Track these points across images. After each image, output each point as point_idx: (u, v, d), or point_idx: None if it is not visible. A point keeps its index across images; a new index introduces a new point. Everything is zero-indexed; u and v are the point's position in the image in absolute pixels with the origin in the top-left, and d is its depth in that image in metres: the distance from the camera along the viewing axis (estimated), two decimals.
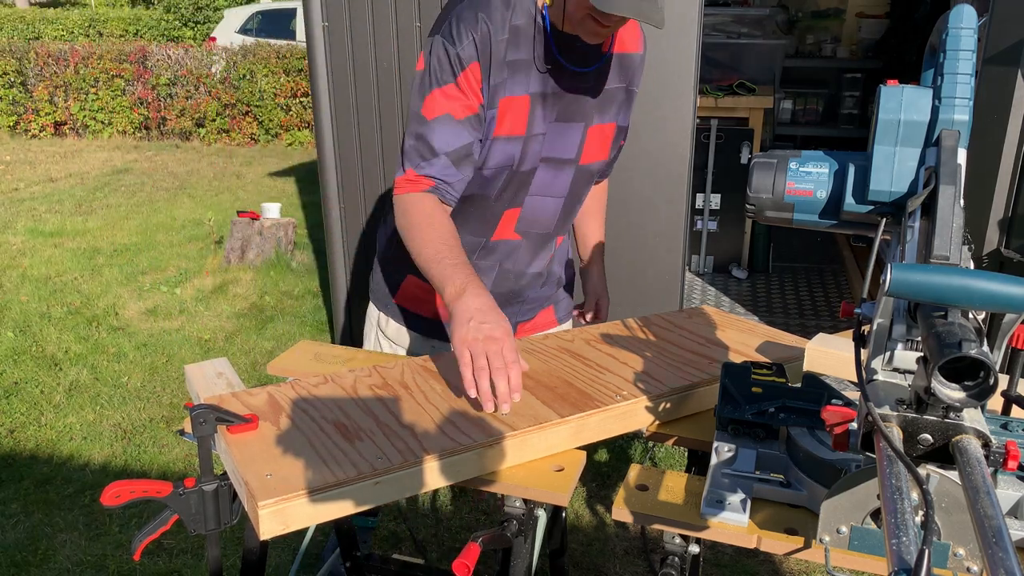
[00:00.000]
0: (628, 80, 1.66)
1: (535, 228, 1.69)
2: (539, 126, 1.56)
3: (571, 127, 1.60)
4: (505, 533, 1.30)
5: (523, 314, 1.84)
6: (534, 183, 1.62)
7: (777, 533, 1.09)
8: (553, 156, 1.60)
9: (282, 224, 5.17)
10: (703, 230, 4.58)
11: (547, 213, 1.68)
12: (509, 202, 1.63)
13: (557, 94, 1.55)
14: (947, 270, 0.72)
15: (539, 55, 1.51)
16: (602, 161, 1.70)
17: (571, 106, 1.58)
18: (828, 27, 6.37)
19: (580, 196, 1.72)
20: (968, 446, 0.70)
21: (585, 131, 1.62)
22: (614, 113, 1.66)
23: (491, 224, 1.65)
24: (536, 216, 1.67)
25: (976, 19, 0.94)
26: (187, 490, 1.21)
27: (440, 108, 1.47)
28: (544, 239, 1.73)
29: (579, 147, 1.63)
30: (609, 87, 1.62)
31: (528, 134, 1.55)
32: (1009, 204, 2.51)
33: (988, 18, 2.44)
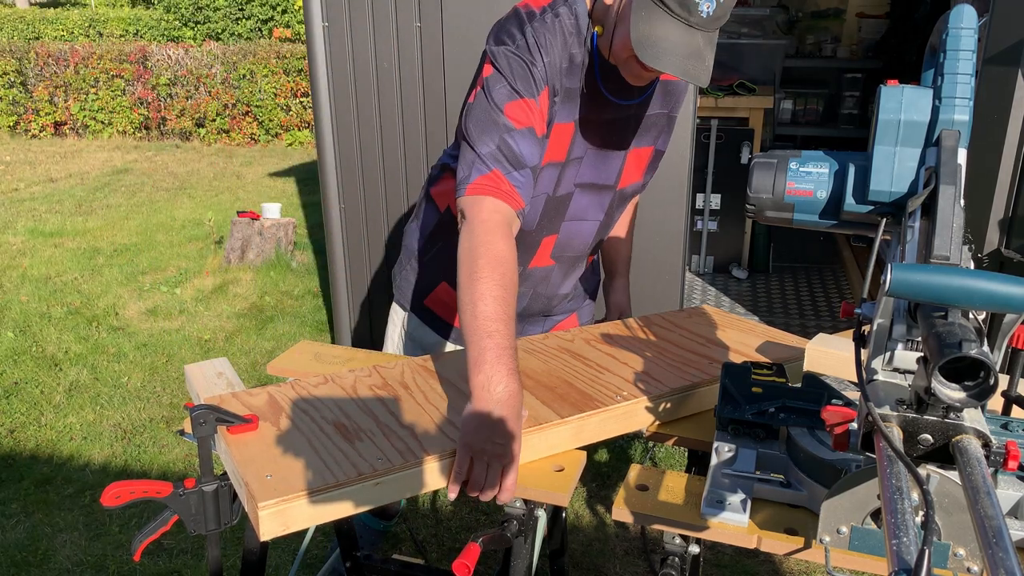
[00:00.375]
0: (671, 106, 1.65)
1: (569, 252, 1.67)
2: (577, 151, 1.53)
3: (612, 154, 1.58)
4: (505, 533, 1.30)
5: (547, 324, 1.84)
6: (571, 209, 1.59)
7: (777, 533, 1.09)
8: (592, 182, 1.58)
9: (282, 224, 5.17)
10: (703, 230, 4.58)
11: (582, 237, 1.66)
12: (547, 230, 1.60)
13: (598, 121, 1.52)
14: (947, 270, 0.72)
15: (587, 83, 1.48)
16: (637, 183, 1.69)
17: (613, 134, 1.55)
18: (828, 27, 6.36)
19: (614, 218, 1.71)
20: (968, 446, 0.70)
21: (625, 157, 1.61)
22: (653, 138, 1.65)
23: (530, 253, 1.62)
24: (571, 240, 1.65)
25: (976, 19, 0.94)
26: (187, 490, 1.21)
27: (526, 120, 1.39)
28: (576, 261, 1.72)
29: (619, 173, 1.61)
30: (651, 113, 1.60)
31: (567, 159, 1.53)
32: (1009, 204, 2.51)
33: (988, 18, 2.44)
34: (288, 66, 8.99)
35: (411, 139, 3.00)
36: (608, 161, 1.58)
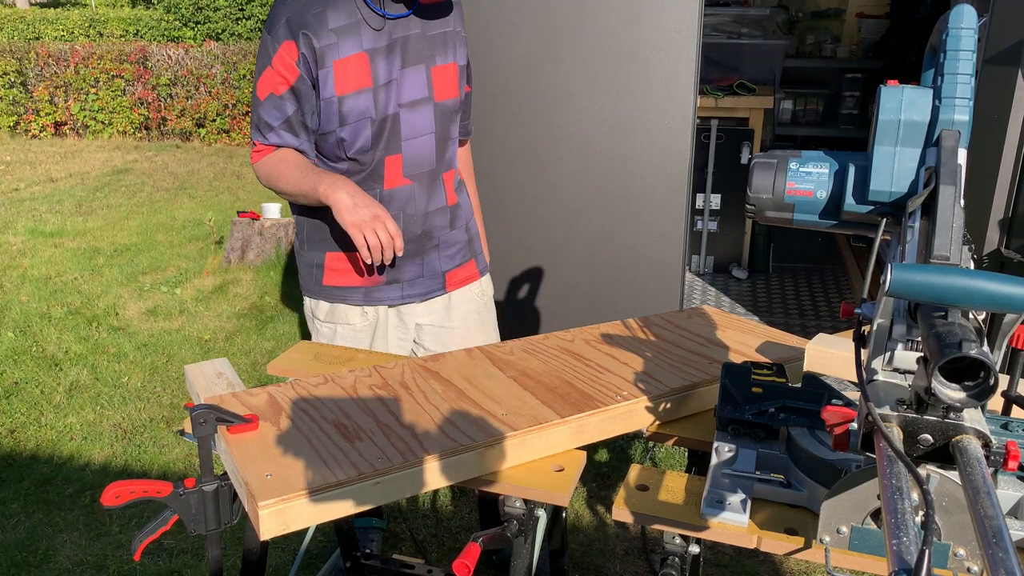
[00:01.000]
0: (449, 24, 1.88)
1: (419, 169, 1.90)
2: (385, 75, 1.79)
3: (416, 69, 1.83)
4: (505, 533, 1.30)
5: (448, 261, 2.02)
6: (404, 128, 1.84)
7: (777, 533, 1.09)
8: (411, 100, 1.83)
9: (282, 224, 5.17)
10: (703, 230, 4.57)
11: (424, 152, 1.89)
12: (386, 149, 1.84)
13: (392, 44, 1.79)
14: (947, 270, 0.72)
15: (366, 15, 1.76)
16: (454, 99, 1.91)
17: (409, 52, 1.82)
18: (828, 27, 6.36)
19: (447, 132, 1.93)
20: (968, 446, 0.70)
21: (429, 71, 1.85)
22: (451, 55, 1.89)
23: (378, 174, 1.86)
24: (416, 158, 1.88)
25: (976, 19, 0.93)
26: (187, 490, 1.21)
27: (265, 89, 1.77)
28: (431, 177, 1.92)
29: (429, 86, 1.85)
30: (439, 30, 1.85)
31: (375, 84, 1.79)
32: (1009, 204, 2.51)
33: (988, 18, 2.44)
34: None
35: None
36: (416, 78, 1.83)
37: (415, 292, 1.99)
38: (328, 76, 1.74)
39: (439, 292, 2.02)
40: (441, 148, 1.92)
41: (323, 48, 1.73)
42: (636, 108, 2.77)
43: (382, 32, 1.78)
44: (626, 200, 2.88)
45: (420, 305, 2.03)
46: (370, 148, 1.82)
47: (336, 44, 1.74)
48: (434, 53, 1.85)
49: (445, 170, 1.95)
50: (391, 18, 1.78)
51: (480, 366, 1.48)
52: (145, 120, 9.14)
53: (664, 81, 2.73)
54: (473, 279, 2.09)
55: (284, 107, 1.77)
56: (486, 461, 1.21)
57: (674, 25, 2.67)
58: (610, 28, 2.70)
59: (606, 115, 2.80)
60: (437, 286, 2.02)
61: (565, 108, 2.82)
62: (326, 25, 1.73)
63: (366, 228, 1.69)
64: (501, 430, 1.23)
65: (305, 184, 1.76)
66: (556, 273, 3.02)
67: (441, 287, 2.02)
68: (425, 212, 1.93)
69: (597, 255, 2.96)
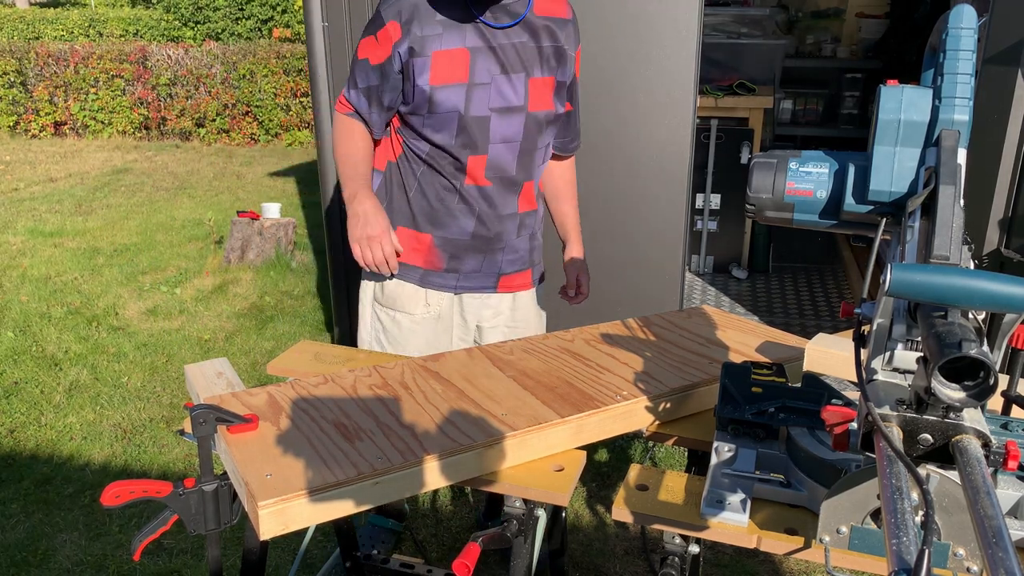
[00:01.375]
0: (558, 41, 1.91)
1: (500, 173, 1.94)
2: (482, 76, 1.84)
3: (514, 77, 1.87)
4: (505, 533, 1.30)
5: (509, 265, 2.07)
6: (492, 132, 1.88)
7: (777, 533, 1.09)
8: (504, 106, 1.87)
9: (282, 224, 5.17)
10: (703, 230, 4.57)
11: (508, 158, 1.93)
12: (472, 148, 1.89)
13: (494, 48, 1.84)
14: (947, 270, 0.72)
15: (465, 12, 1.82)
16: (549, 111, 1.93)
17: (510, 59, 1.86)
18: (828, 27, 6.36)
19: (534, 143, 1.95)
20: (968, 446, 0.70)
21: (527, 81, 1.88)
22: (552, 68, 1.92)
23: (460, 169, 1.92)
24: (500, 162, 1.92)
25: (976, 19, 0.94)
26: (187, 490, 1.21)
27: (363, 53, 1.88)
28: (510, 184, 1.96)
29: (525, 95, 1.88)
30: (546, 44, 1.89)
31: (471, 82, 1.84)
32: (1009, 204, 2.51)
33: (988, 18, 2.44)
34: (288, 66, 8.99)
35: None
36: (513, 85, 1.87)
37: (469, 285, 2.05)
38: (425, 65, 1.81)
39: (490, 290, 2.08)
40: (526, 157, 1.95)
41: (425, 37, 1.80)
42: (636, 108, 2.77)
43: (488, 35, 1.83)
44: (626, 200, 2.88)
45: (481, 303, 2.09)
46: (453, 142, 1.88)
47: (440, 35, 1.81)
48: (536, 64, 1.88)
49: (526, 179, 1.98)
50: (494, 27, 1.83)
51: (480, 366, 1.48)
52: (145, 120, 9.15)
53: (664, 81, 2.73)
54: (526, 288, 2.14)
55: (370, 76, 1.87)
56: (486, 461, 1.21)
57: (674, 25, 2.67)
58: (610, 28, 2.70)
59: (606, 115, 2.80)
60: (490, 284, 2.06)
61: None
62: (435, 15, 1.80)
63: (363, 245, 1.84)
64: (501, 430, 1.23)
65: (344, 178, 1.92)
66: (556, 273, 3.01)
67: (493, 286, 2.07)
68: (500, 215, 1.98)
69: (597, 255, 2.95)
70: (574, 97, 2.04)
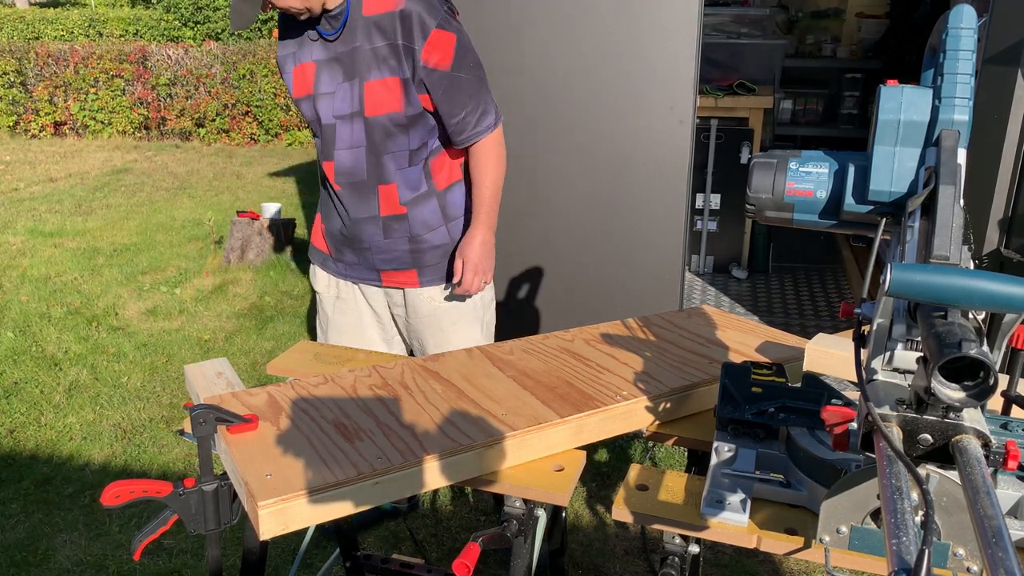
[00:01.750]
0: (391, 37, 1.86)
1: (350, 179, 1.99)
2: (326, 86, 1.92)
3: (350, 84, 1.91)
4: (505, 533, 1.30)
5: (384, 263, 2.09)
6: (338, 138, 1.95)
7: (777, 533, 1.09)
8: (345, 113, 1.92)
9: (282, 224, 5.17)
10: (703, 230, 4.57)
11: (355, 163, 1.96)
12: (325, 155, 1.99)
13: (334, 59, 1.91)
14: (947, 270, 0.71)
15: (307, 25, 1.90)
16: (394, 113, 1.90)
17: (346, 66, 1.90)
18: (828, 27, 6.36)
19: (384, 147, 1.94)
20: (968, 446, 0.70)
21: (362, 86, 1.89)
22: (392, 68, 1.87)
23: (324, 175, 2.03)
24: (346, 168, 1.97)
25: (976, 19, 0.94)
26: (187, 490, 1.21)
27: None
28: (361, 188, 1.99)
29: (360, 100, 1.90)
30: (378, 44, 1.86)
31: (316, 92, 1.94)
32: (1009, 204, 2.51)
33: (988, 18, 2.44)
34: None
35: None
36: (349, 90, 1.91)
37: (355, 275, 2.15)
38: (289, 80, 1.99)
39: (376, 283, 2.15)
40: (375, 162, 1.95)
41: (285, 56, 1.98)
42: (636, 108, 2.77)
43: (329, 46, 1.91)
44: (626, 200, 2.88)
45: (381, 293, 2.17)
46: (319, 150, 2.03)
47: (295, 53, 1.96)
48: (371, 67, 1.87)
49: (381, 183, 1.98)
50: (325, 37, 1.90)
51: (480, 366, 1.48)
52: (145, 120, 9.14)
53: (664, 81, 2.73)
54: (412, 286, 2.12)
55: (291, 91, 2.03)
56: (486, 461, 1.21)
57: (674, 25, 2.67)
58: (609, 28, 2.70)
59: (605, 115, 2.80)
60: (373, 277, 2.14)
61: (565, 108, 2.82)
62: (288, 33, 1.96)
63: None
64: (501, 430, 1.23)
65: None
66: (556, 273, 3.02)
67: (377, 279, 2.14)
68: (354, 218, 2.03)
69: (597, 255, 2.96)
70: (439, 90, 1.90)
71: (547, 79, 2.80)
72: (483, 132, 2.00)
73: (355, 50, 1.88)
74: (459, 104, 1.93)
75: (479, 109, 1.96)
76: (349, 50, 1.88)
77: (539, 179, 2.92)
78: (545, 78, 2.80)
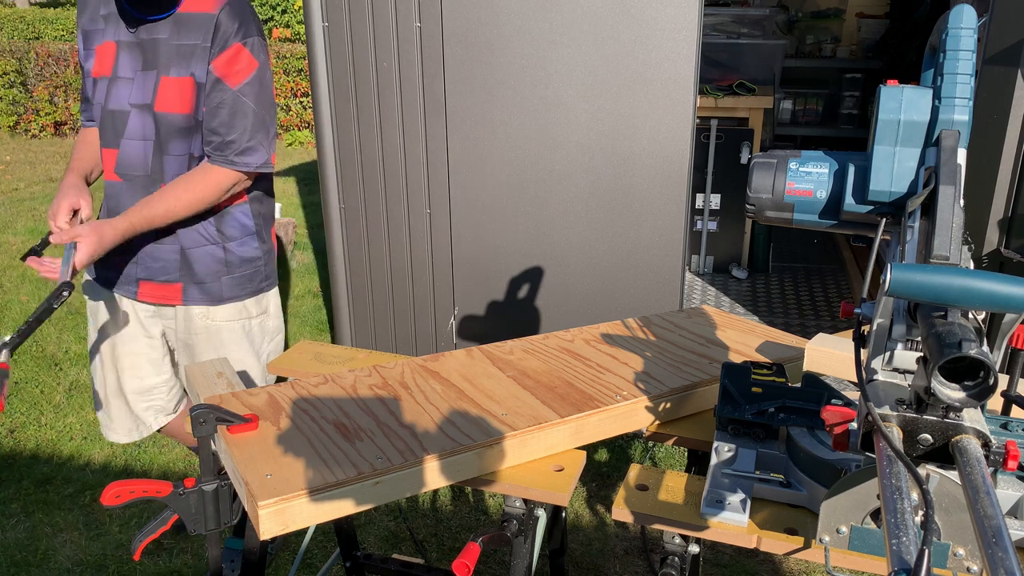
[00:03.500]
0: (197, 39, 1.81)
1: (131, 171, 1.88)
2: (126, 71, 1.84)
3: (149, 75, 1.84)
4: (505, 533, 1.30)
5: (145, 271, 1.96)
6: (128, 127, 1.86)
7: (777, 533, 1.09)
8: (141, 102, 1.84)
9: (282, 224, 5.17)
10: (703, 230, 4.57)
11: (139, 156, 1.87)
12: (108, 141, 1.89)
13: (138, 43, 1.83)
14: (947, 270, 0.72)
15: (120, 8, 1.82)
16: (182, 115, 1.82)
17: (149, 55, 1.83)
18: (828, 27, 6.36)
19: (169, 147, 1.86)
20: (968, 446, 0.70)
21: (158, 79, 1.83)
22: (191, 68, 1.81)
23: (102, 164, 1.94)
24: (129, 159, 1.88)
25: (976, 19, 0.94)
26: (187, 490, 1.21)
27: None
28: (144, 184, 1.88)
29: (153, 93, 1.83)
30: (185, 42, 1.81)
31: (113, 76, 1.85)
32: (1009, 204, 2.51)
33: (988, 18, 2.44)
34: (288, 66, 8.98)
35: (411, 139, 3.00)
36: (146, 81, 1.83)
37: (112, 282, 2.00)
38: (90, 57, 1.90)
39: (131, 295, 2.00)
40: (160, 159, 1.86)
41: (89, 32, 1.90)
42: (636, 108, 2.77)
43: (136, 30, 1.83)
44: (626, 200, 2.88)
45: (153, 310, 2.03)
46: (101, 137, 1.91)
47: (103, 30, 1.87)
48: (172, 62, 1.82)
49: (162, 182, 1.88)
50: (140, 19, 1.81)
51: (480, 366, 1.48)
52: None
53: (664, 81, 2.73)
54: (173, 302, 1.99)
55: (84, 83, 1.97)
56: (486, 461, 1.21)
57: (674, 25, 2.67)
58: (610, 28, 2.70)
59: (606, 115, 2.80)
60: (131, 290, 1.99)
61: (565, 108, 2.82)
62: (99, 9, 1.88)
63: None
64: (501, 430, 1.23)
65: None
66: (556, 273, 3.02)
67: (133, 292, 2.00)
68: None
69: (597, 255, 2.96)
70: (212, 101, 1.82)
71: (547, 79, 2.80)
72: (236, 165, 1.86)
73: (158, 42, 1.82)
74: (233, 127, 1.83)
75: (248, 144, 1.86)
76: (152, 40, 1.82)
77: (539, 179, 2.92)
78: (545, 78, 2.80)
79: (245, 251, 2.01)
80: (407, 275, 3.20)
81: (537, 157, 2.89)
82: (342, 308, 3.38)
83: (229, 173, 1.86)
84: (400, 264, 3.18)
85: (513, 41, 2.78)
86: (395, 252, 3.18)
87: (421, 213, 3.09)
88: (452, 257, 3.10)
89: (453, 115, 2.91)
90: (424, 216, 3.09)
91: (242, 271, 2.02)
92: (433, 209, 3.07)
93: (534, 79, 2.81)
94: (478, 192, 2.99)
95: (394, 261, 3.19)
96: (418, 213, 3.09)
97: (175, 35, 1.81)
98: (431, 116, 2.95)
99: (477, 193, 2.99)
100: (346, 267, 3.29)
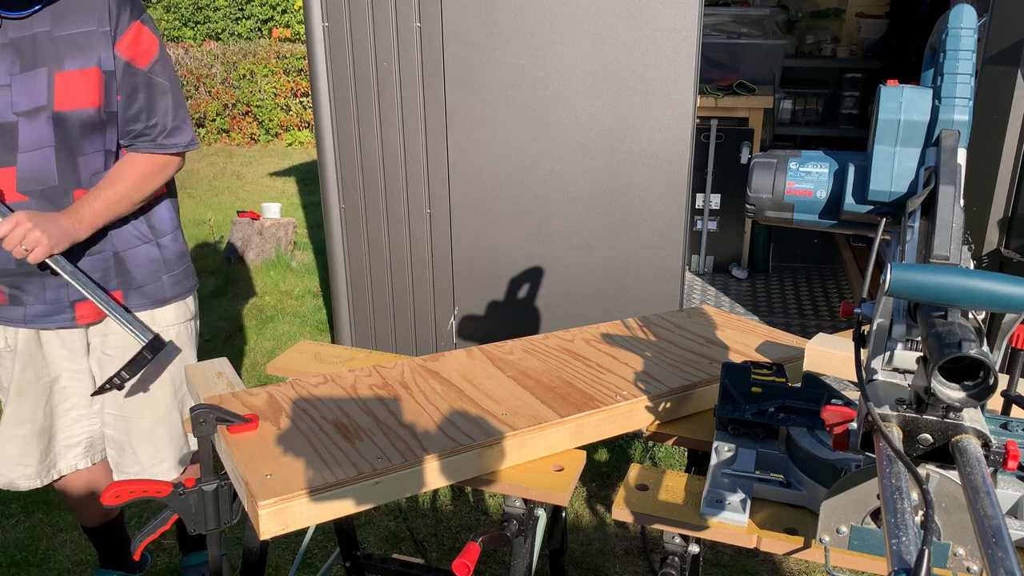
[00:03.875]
0: (97, 23, 1.66)
1: (38, 185, 1.68)
2: (2, 78, 1.62)
3: (35, 74, 1.63)
4: (505, 533, 1.30)
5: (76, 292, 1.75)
6: (21, 139, 1.64)
7: (777, 533, 1.09)
8: (28, 108, 1.63)
9: (282, 224, 5.18)
10: (703, 230, 4.58)
11: (45, 167, 1.67)
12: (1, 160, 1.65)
13: (9, 43, 1.61)
14: (947, 270, 0.72)
15: None
16: (89, 109, 1.66)
17: (27, 53, 1.62)
18: (828, 27, 6.36)
19: (78, 148, 1.69)
20: (968, 446, 0.70)
21: (52, 76, 1.63)
22: (93, 58, 1.65)
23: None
24: (33, 173, 1.67)
25: (976, 19, 0.94)
26: (187, 490, 1.21)
27: None
28: (53, 195, 1.69)
29: (48, 93, 1.64)
30: (76, 30, 1.64)
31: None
32: (1009, 204, 2.51)
33: (988, 18, 2.44)
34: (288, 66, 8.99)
35: (411, 139, 3.00)
36: (34, 83, 1.63)
37: (37, 316, 1.78)
38: None
39: (69, 323, 1.80)
40: (67, 164, 1.69)
41: None
42: (636, 108, 2.77)
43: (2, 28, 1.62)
44: (626, 200, 2.88)
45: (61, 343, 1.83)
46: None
47: None
48: (62, 56, 1.64)
49: (77, 187, 1.71)
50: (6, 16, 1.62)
51: (480, 366, 1.48)
52: None
53: (664, 81, 2.73)
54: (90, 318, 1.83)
55: None
56: (486, 461, 1.21)
57: (674, 25, 2.67)
58: (610, 28, 2.71)
59: (606, 115, 2.80)
60: (67, 317, 1.79)
61: (565, 108, 2.82)
62: None
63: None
64: (501, 430, 1.23)
65: None
66: (556, 273, 3.02)
67: (71, 318, 1.79)
68: None
69: (597, 255, 2.96)
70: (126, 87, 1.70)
71: (547, 79, 2.80)
72: (166, 148, 1.77)
73: (37, 36, 1.63)
74: (155, 110, 1.74)
75: (174, 124, 1.77)
76: (29, 36, 1.62)
77: (539, 179, 2.92)
78: (545, 78, 2.80)
79: (177, 246, 1.92)
80: (407, 275, 3.20)
81: (537, 157, 2.89)
82: (342, 308, 3.39)
83: (161, 158, 1.76)
84: (400, 264, 3.18)
85: (513, 41, 2.78)
86: (395, 252, 3.18)
87: (421, 213, 3.09)
88: (452, 257, 3.11)
89: (453, 115, 2.92)
90: (424, 216, 3.09)
91: (179, 267, 1.93)
92: (433, 209, 3.07)
93: (534, 79, 2.81)
94: (478, 192, 2.99)
95: (394, 261, 3.19)
96: (418, 213, 3.09)
97: (59, 26, 1.63)
98: (431, 116, 2.95)
99: (477, 193, 2.99)
100: (346, 267, 3.29)
